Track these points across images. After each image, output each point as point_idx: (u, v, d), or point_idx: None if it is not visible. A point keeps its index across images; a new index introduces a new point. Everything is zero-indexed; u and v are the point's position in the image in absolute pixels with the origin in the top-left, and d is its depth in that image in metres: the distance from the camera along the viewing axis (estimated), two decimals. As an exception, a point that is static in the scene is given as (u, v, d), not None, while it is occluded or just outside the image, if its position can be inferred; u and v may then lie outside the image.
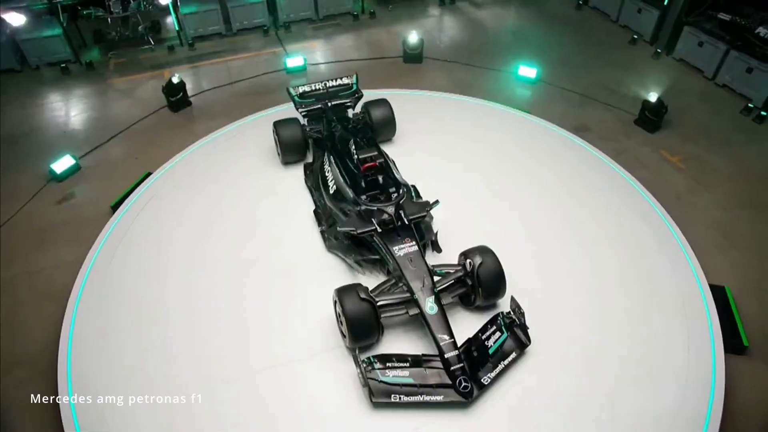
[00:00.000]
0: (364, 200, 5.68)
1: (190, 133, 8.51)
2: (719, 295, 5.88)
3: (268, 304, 5.64)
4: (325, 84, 7.52)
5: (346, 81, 7.61)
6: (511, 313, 5.01)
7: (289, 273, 5.92)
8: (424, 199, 6.60)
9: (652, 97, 8.36)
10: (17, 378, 5.29)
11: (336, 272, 5.90)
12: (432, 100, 8.91)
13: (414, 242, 5.32)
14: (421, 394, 4.60)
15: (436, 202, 5.81)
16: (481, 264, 5.12)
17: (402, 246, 5.29)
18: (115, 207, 6.96)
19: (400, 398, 4.57)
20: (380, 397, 4.57)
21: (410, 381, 4.66)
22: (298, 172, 7.27)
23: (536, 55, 10.33)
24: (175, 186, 7.18)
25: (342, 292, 4.91)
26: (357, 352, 4.70)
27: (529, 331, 4.99)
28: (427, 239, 5.98)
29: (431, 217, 6.33)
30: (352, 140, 6.36)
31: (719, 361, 5.11)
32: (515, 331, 4.98)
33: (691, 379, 4.99)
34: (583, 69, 10.15)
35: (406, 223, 5.47)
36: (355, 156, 5.97)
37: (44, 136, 8.80)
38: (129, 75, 10.39)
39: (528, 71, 9.60)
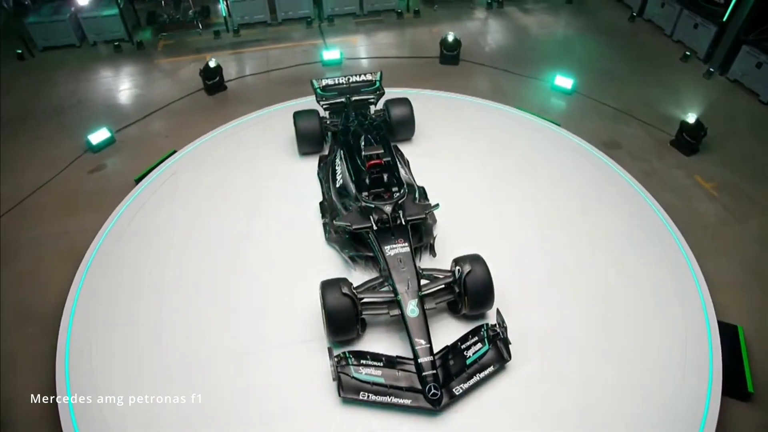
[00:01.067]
0: (364, 197, 5.74)
1: (220, 117, 8.83)
2: (730, 334, 5.55)
3: (260, 289, 5.79)
4: (348, 79, 7.62)
5: (369, 77, 7.68)
6: (496, 326, 4.95)
7: (288, 262, 6.06)
8: (432, 201, 6.62)
9: (691, 117, 7.93)
10: (28, 333, 5.70)
11: (332, 265, 6.00)
12: (460, 104, 8.84)
13: (407, 243, 5.33)
14: (389, 395, 4.62)
15: (436, 205, 5.78)
16: (469, 272, 5.07)
17: (394, 246, 5.32)
18: (138, 180, 7.36)
19: (368, 396, 4.61)
20: (349, 392, 4.63)
21: (381, 381, 4.69)
22: (313, 163, 7.42)
23: (578, 66, 10.04)
24: (195, 166, 7.51)
25: (326, 285, 5.00)
26: (332, 345, 4.79)
27: (510, 347, 4.92)
28: (425, 242, 5.97)
29: (434, 221, 6.31)
30: (363, 136, 6.43)
31: (713, 404, 4.83)
32: (497, 345, 4.91)
33: (681, 418, 4.76)
34: (625, 83, 9.75)
35: (403, 223, 5.49)
36: (363, 152, 6.05)
37: (89, 108, 9.38)
38: (174, 56, 10.91)
39: (564, 81, 9.33)
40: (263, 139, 7.98)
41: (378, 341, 5.26)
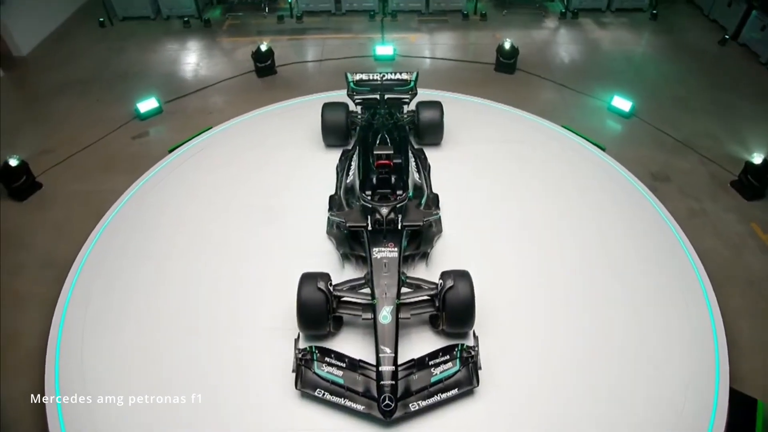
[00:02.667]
0: (365, 195, 5.77)
1: (264, 99, 9.18)
2: (745, 407, 5.00)
3: (254, 276, 5.93)
4: (383, 76, 7.66)
5: (405, 77, 7.66)
6: (471, 349, 4.80)
7: (289, 250, 6.14)
8: (445, 211, 6.53)
9: (758, 157, 7.19)
10: (48, 276, 6.27)
11: (328, 259, 6.06)
12: (502, 114, 8.59)
13: (396, 249, 5.30)
14: (345, 397, 4.63)
15: (436, 215, 5.71)
16: (450, 288, 4.95)
17: (382, 249, 5.30)
18: (171, 151, 7.85)
19: (323, 394, 4.65)
20: (306, 386, 4.70)
21: (340, 381, 4.71)
22: (336, 156, 7.54)
23: (645, 89, 9.44)
24: (224, 144, 7.89)
25: (304, 278, 5.08)
26: (306, 338, 4.87)
27: (481, 373, 4.75)
28: (422, 250, 5.90)
29: (439, 230, 6.21)
30: (381, 135, 6.45)
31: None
32: (468, 368, 4.77)
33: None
34: (694, 112, 9.00)
35: (399, 228, 5.46)
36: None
37: (148, 78, 10.08)
38: (236, 36, 11.48)
39: (622, 103, 8.78)
40: (296, 126, 8.19)
41: (352, 342, 5.26)
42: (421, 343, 5.21)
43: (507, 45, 9.81)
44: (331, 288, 5.05)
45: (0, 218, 6.99)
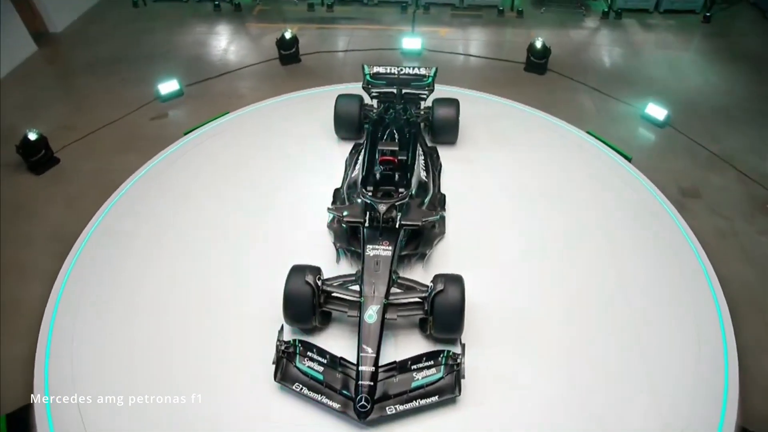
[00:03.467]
0: (365, 191, 5.75)
1: (285, 87, 9.24)
2: (752, 447, 4.74)
3: (250, 265, 5.97)
4: (401, 70, 7.58)
5: (423, 72, 7.56)
6: (457, 356, 4.72)
7: (287, 242, 6.14)
8: (452, 213, 6.44)
9: (799, 180, 6.77)
10: (53, 251, 6.47)
11: (324, 252, 6.03)
12: (524, 116, 8.35)
13: (391, 247, 5.25)
14: (322, 394, 4.62)
15: (437, 216, 5.64)
16: (440, 292, 4.87)
17: (376, 247, 5.26)
18: (186, 133, 8.00)
19: (301, 389, 4.66)
20: (285, 380, 4.71)
21: (320, 378, 4.71)
22: (348, 149, 7.53)
23: (686, 98, 9.03)
24: (237, 130, 7.98)
25: (294, 270, 5.10)
26: (283, 328, 4.89)
27: (462, 383, 4.66)
28: (420, 251, 5.83)
29: (441, 232, 6.13)
30: (389, 130, 6.40)
31: None
32: (451, 376, 4.69)
33: None
34: (738, 125, 8.53)
35: (396, 226, 5.42)
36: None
37: (173, 59, 10.29)
38: (265, 23, 11.61)
39: (657, 111, 8.40)
40: (312, 116, 8.17)
41: (339, 338, 5.20)
42: (407, 346, 5.12)
43: (538, 44, 9.55)
44: (319, 282, 5.05)
45: (16, 190, 7.33)
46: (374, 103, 7.68)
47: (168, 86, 9.06)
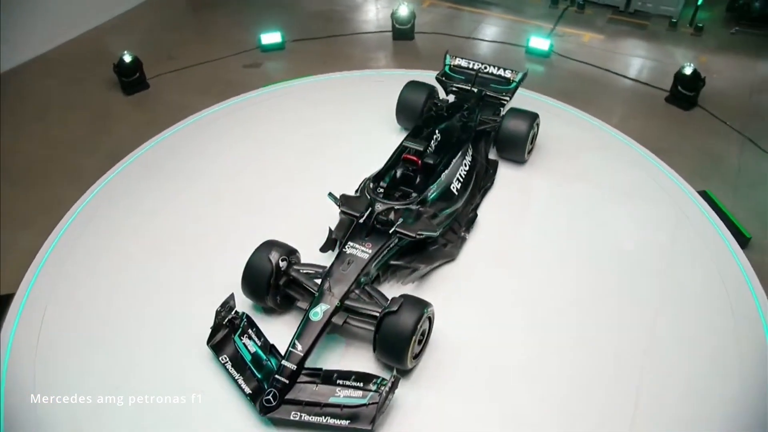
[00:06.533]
0: (373, 185, 5.74)
1: (385, 63, 9.48)
2: None
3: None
4: (484, 67, 7.27)
5: (507, 74, 7.11)
6: (385, 387, 4.60)
7: (299, 227, 6.07)
8: (480, 238, 6.17)
9: None
10: (106, 164, 7.36)
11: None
12: (629, 156, 7.29)
13: (371, 251, 5.18)
14: (240, 373, 4.77)
15: (433, 232, 5.45)
16: (391, 313, 4.71)
17: (356, 246, 5.21)
18: (264, 87, 8.63)
19: (225, 362, 4.92)
20: (215, 348, 4.93)
21: (247, 358, 4.91)
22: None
23: None
24: (304, 95, 8.33)
25: (266, 244, 5.21)
26: (233, 296, 5.15)
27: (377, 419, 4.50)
28: (414, 266, 5.63)
29: (452, 255, 5.88)
30: (432, 129, 6.28)
31: None
32: (374, 407, 4.58)
33: None
34: None
35: (389, 231, 5.36)
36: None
37: (295, 11, 10.98)
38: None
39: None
40: (386, 99, 8.23)
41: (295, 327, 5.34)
42: (354, 359, 4.96)
43: (688, 70, 8.35)
44: (283, 263, 5.22)
45: (102, 103, 8.57)
46: (450, 98, 7.52)
47: (270, 37, 9.72)
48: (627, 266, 5.91)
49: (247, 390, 4.72)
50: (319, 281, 5.16)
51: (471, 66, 7.26)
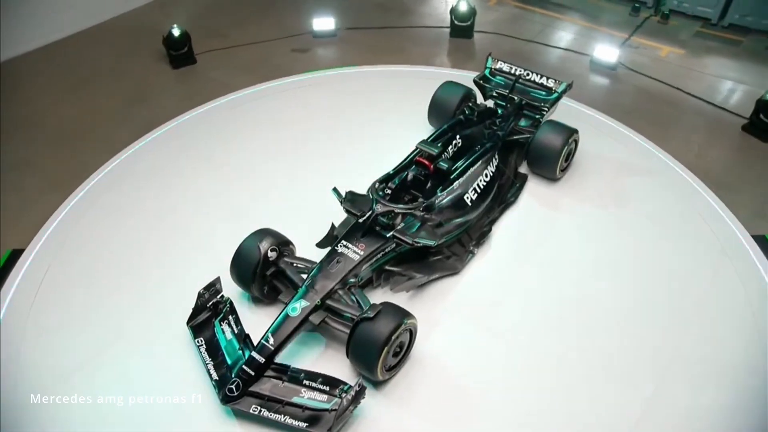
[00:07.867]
0: (379, 185, 5.69)
1: (436, 61, 9.35)
2: None
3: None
4: (525, 74, 7.00)
5: (550, 84, 6.79)
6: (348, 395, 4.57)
7: (308, 222, 6.00)
8: (487, 255, 5.99)
9: None
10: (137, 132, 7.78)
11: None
12: (679, 185, 6.80)
13: (363, 253, 5.12)
14: (212, 358, 4.85)
15: (431, 240, 5.33)
16: (368, 318, 4.62)
17: (349, 246, 5.15)
18: (305, 73, 8.81)
19: (198, 345, 5.03)
20: (196, 331, 5.03)
21: (222, 345, 4.97)
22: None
23: None
24: (341, 87, 8.41)
25: (258, 232, 5.28)
26: (219, 279, 5.21)
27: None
28: (409, 274, 5.55)
29: (454, 269, 5.72)
30: (457, 135, 6.16)
31: None
32: (335, 412, 4.57)
33: None
34: None
35: (385, 234, 5.31)
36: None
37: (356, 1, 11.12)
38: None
39: None
40: (424, 97, 8.12)
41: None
42: (329, 361, 4.96)
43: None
44: (273, 254, 5.26)
45: (149, 74, 9.04)
46: (489, 103, 7.33)
47: (323, 23, 9.81)
48: (647, 316, 5.48)
49: (215, 376, 4.81)
50: (304, 276, 5.19)
51: (512, 71, 7.01)
